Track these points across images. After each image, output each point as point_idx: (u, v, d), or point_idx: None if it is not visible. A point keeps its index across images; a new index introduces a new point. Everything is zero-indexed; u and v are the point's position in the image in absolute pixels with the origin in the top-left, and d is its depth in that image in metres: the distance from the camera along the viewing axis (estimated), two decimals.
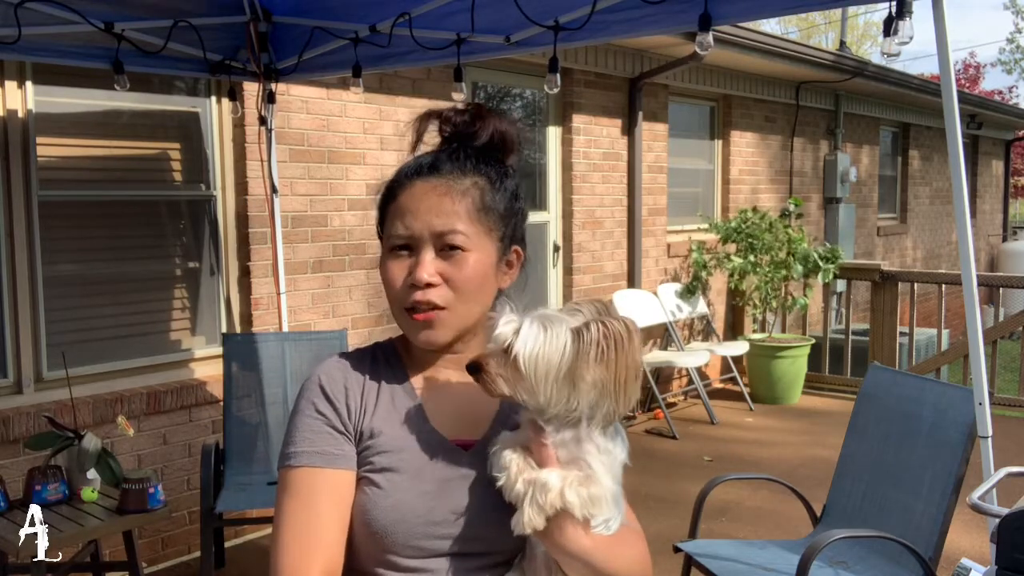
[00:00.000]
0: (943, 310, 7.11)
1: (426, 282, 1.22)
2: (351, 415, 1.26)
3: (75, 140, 4.00)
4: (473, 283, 1.24)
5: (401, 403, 1.28)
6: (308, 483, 1.22)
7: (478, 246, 1.24)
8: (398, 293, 1.25)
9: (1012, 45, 29.11)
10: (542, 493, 1.11)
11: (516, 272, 1.33)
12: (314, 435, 1.24)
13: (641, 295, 6.77)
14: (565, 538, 1.13)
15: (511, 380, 1.13)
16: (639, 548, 1.25)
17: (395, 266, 1.25)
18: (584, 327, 1.11)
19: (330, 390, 1.27)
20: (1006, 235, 15.56)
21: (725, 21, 2.92)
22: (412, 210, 1.24)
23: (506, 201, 1.29)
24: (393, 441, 1.24)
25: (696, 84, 7.27)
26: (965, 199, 2.44)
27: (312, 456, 1.23)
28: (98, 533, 3.14)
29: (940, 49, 2.40)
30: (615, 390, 1.11)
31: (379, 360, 1.33)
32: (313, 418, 1.25)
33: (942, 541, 2.88)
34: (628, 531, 1.23)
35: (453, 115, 1.29)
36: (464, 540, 1.21)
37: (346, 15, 3.58)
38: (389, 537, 1.20)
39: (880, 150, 10.65)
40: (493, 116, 1.30)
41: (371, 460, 1.23)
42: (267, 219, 4.37)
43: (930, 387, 3.25)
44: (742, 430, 6.45)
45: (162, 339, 4.30)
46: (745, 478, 4.91)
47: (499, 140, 1.30)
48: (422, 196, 1.24)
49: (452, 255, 1.23)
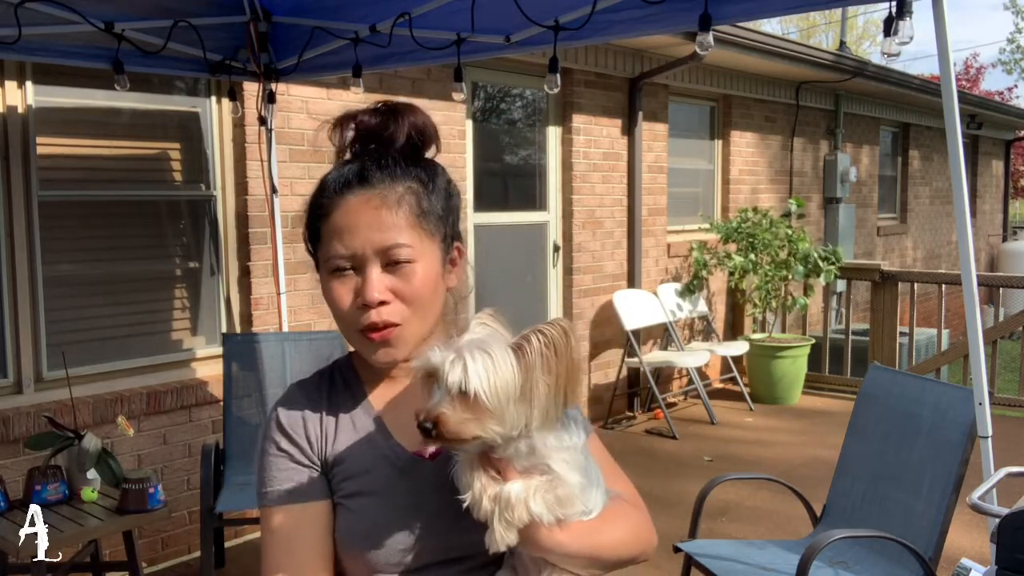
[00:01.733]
0: (943, 310, 7.11)
1: (378, 300, 1.18)
2: (313, 446, 1.25)
3: (75, 140, 4.00)
4: (424, 294, 1.22)
5: (362, 424, 1.27)
6: (286, 521, 1.22)
7: (423, 255, 1.21)
8: (348, 315, 1.21)
9: (1012, 45, 29.11)
10: (508, 510, 1.09)
11: (461, 269, 1.30)
12: (280, 473, 1.24)
13: (641, 295, 6.77)
14: (542, 541, 1.13)
15: (478, 420, 1.07)
16: (628, 521, 1.23)
17: (340, 288, 1.21)
18: (523, 340, 1.08)
19: (288, 426, 1.26)
20: (1006, 235, 15.55)
21: (725, 21, 2.92)
22: (350, 227, 1.19)
23: (441, 200, 1.25)
24: (359, 464, 1.24)
25: (696, 84, 7.27)
26: (965, 199, 2.44)
27: (284, 495, 1.23)
28: (98, 533, 3.14)
29: (940, 49, 2.40)
30: (564, 393, 1.09)
31: (336, 382, 1.31)
32: (277, 456, 1.25)
33: (942, 541, 2.88)
34: (616, 507, 1.22)
35: (367, 118, 1.24)
36: (445, 548, 1.21)
37: (346, 15, 3.58)
38: (371, 557, 1.20)
39: (880, 150, 10.65)
40: (406, 112, 1.25)
41: (341, 486, 1.24)
42: (267, 219, 4.37)
43: (930, 387, 3.25)
44: (742, 430, 6.45)
45: (162, 339, 4.30)
46: (745, 478, 4.91)
47: (418, 136, 1.24)
48: (357, 211, 1.19)
49: (399, 269, 1.19)
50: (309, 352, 4.16)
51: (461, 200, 1.33)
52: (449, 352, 1.07)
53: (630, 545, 1.22)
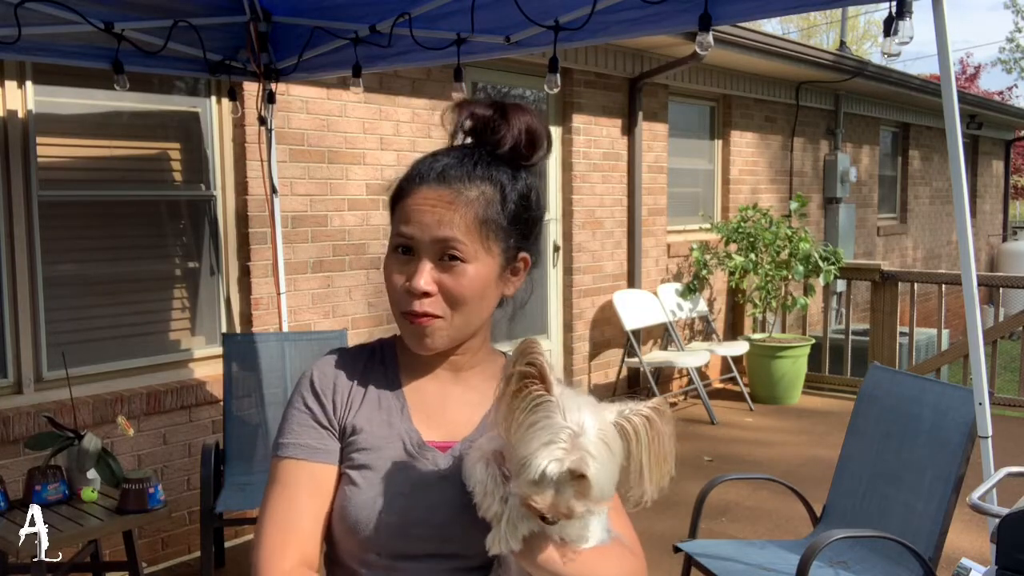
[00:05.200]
0: (943, 310, 7.11)
1: (422, 291, 1.22)
2: (336, 411, 1.28)
3: (75, 140, 4.00)
4: (470, 295, 1.23)
5: (387, 403, 1.29)
6: (291, 474, 1.26)
7: (477, 257, 1.23)
8: (397, 296, 1.25)
9: (1012, 45, 29.11)
10: (520, 518, 1.10)
11: (522, 278, 1.32)
12: (300, 428, 1.28)
13: (641, 295, 6.77)
14: (539, 557, 1.13)
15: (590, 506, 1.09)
16: (623, 565, 1.24)
17: (396, 267, 1.25)
18: (626, 422, 1.08)
19: (319, 386, 1.30)
20: (1006, 235, 15.55)
21: (725, 21, 2.92)
22: (417, 214, 1.23)
23: (513, 208, 1.26)
24: (373, 439, 1.26)
25: (696, 84, 7.27)
26: (965, 199, 2.44)
27: (297, 448, 1.26)
28: (98, 533, 3.14)
29: (940, 49, 2.40)
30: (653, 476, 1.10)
31: (375, 358, 1.34)
32: (301, 411, 1.29)
33: (942, 541, 2.88)
34: (614, 548, 1.22)
35: (482, 111, 1.26)
36: (440, 542, 1.22)
37: (346, 15, 3.58)
38: (364, 534, 1.21)
39: (880, 150, 10.65)
40: (518, 113, 1.25)
41: (351, 456, 1.26)
42: (267, 219, 4.37)
43: (930, 387, 3.25)
44: (742, 430, 6.45)
45: (162, 339, 4.30)
46: (745, 478, 4.91)
47: (525, 140, 1.26)
48: (427, 203, 1.23)
49: (451, 265, 1.22)
50: (309, 352, 4.16)
51: (544, 213, 1.34)
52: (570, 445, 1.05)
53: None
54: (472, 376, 1.33)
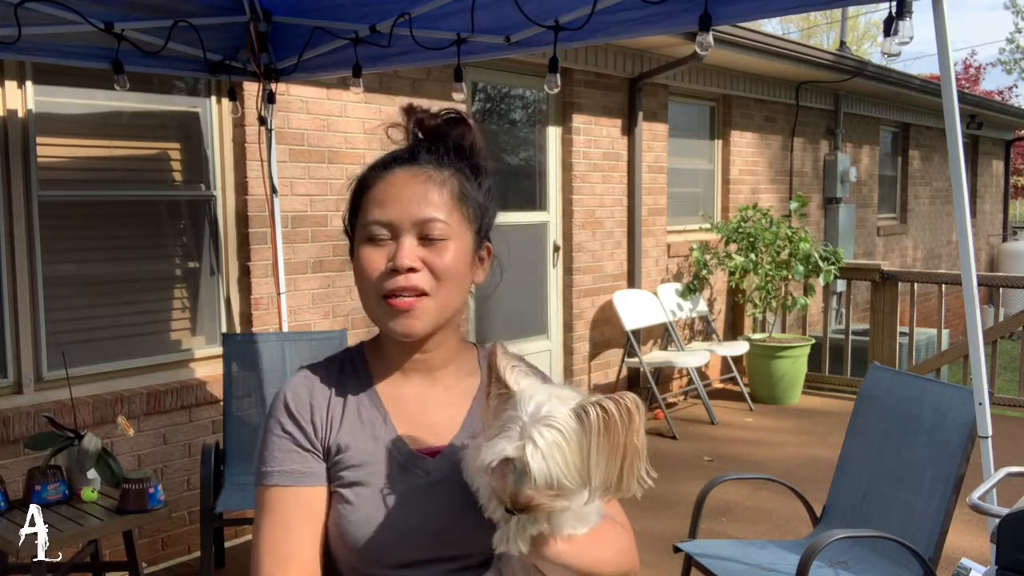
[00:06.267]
0: (943, 310, 7.11)
1: (408, 267, 1.20)
2: (317, 432, 1.26)
3: (75, 140, 4.00)
4: (454, 271, 1.23)
5: (367, 415, 1.28)
6: (281, 502, 1.23)
7: (458, 235, 1.24)
8: (376, 281, 1.22)
9: (1012, 45, 29.11)
10: (532, 522, 1.10)
11: (487, 267, 1.33)
12: (282, 454, 1.25)
13: (641, 295, 6.76)
14: (548, 551, 1.13)
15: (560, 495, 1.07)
16: (620, 541, 1.25)
17: (373, 254, 1.23)
18: (582, 410, 1.05)
19: (295, 408, 1.27)
20: (1006, 235, 15.55)
21: (725, 21, 2.92)
22: (392, 197, 1.22)
23: (481, 195, 1.29)
24: (360, 455, 1.24)
25: (696, 84, 7.27)
26: (965, 199, 2.44)
27: (283, 475, 1.24)
28: (98, 533, 3.14)
29: (940, 49, 2.40)
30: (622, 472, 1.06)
31: (346, 370, 1.32)
32: (280, 437, 1.26)
33: (942, 541, 2.88)
34: (607, 526, 1.23)
35: (426, 118, 1.29)
36: (439, 546, 1.22)
37: (346, 15, 3.58)
38: (364, 550, 1.21)
39: (880, 150, 10.65)
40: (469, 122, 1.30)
41: (340, 475, 1.24)
42: (267, 219, 4.37)
43: (930, 387, 3.25)
44: (742, 430, 6.45)
45: (162, 339, 4.30)
46: (745, 478, 4.91)
47: (469, 147, 1.30)
48: (402, 184, 1.23)
49: (433, 243, 1.22)
50: (309, 352, 4.16)
51: (496, 210, 1.36)
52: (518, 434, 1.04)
53: (619, 564, 1.23)
54: (447, 375, 1.32)
